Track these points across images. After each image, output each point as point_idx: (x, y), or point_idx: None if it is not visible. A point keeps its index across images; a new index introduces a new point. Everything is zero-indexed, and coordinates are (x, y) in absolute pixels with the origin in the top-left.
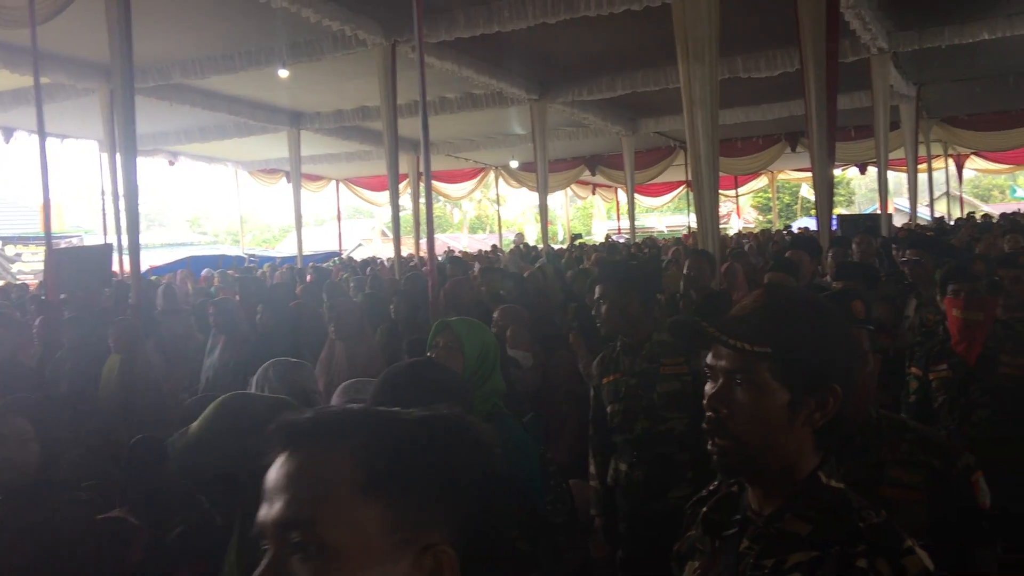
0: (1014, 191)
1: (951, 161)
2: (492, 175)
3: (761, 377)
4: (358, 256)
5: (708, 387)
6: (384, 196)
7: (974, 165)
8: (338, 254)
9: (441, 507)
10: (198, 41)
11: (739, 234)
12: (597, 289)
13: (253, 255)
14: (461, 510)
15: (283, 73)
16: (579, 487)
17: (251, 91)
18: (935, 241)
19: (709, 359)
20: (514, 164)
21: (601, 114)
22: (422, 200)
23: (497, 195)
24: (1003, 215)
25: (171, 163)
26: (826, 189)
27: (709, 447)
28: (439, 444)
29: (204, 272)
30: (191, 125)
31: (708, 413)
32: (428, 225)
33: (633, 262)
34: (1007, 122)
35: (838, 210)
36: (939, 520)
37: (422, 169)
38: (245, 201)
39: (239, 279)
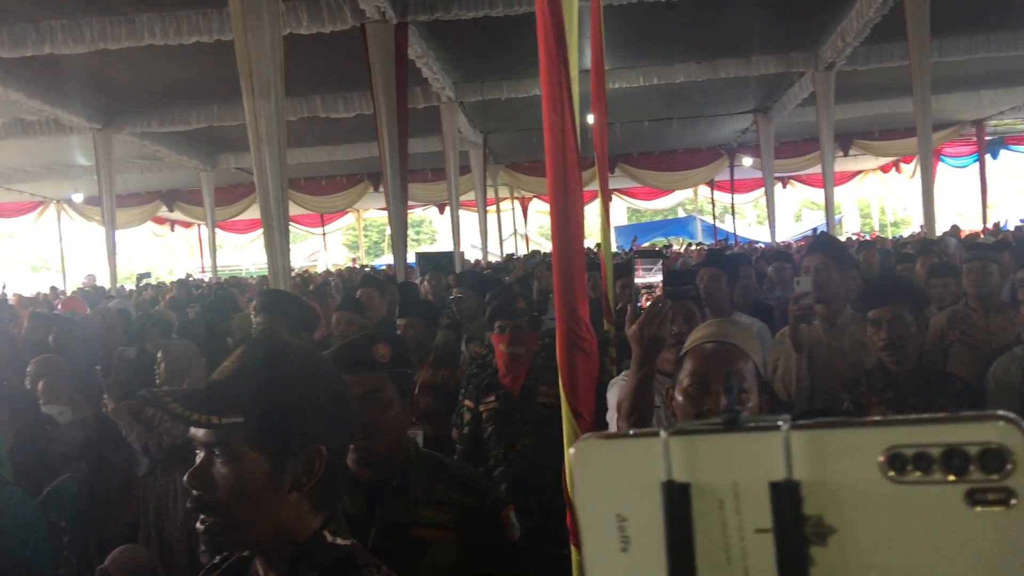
0: None
1: (518, 203)
2: (53, 209)
3: (238, 449)
4: None
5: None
6: None
7: (537, 208)
8: None
9: None
10: None
11: (327, 271)
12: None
13: None
14: None
15: None
16: (131, 551)
17: None
18: (483, 280)
19: (190, 429)
20: (78, 198)
21: (176, 147)
22: None
23: (59, 231)
24: None
25: None
26: (401, 227)
27: (197, 525)
28: None
29: None
30: None
31: (193, 492)
32: None
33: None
34: None
35: (419, 248)
36: (469, 557)
37: None
38: None
39: None
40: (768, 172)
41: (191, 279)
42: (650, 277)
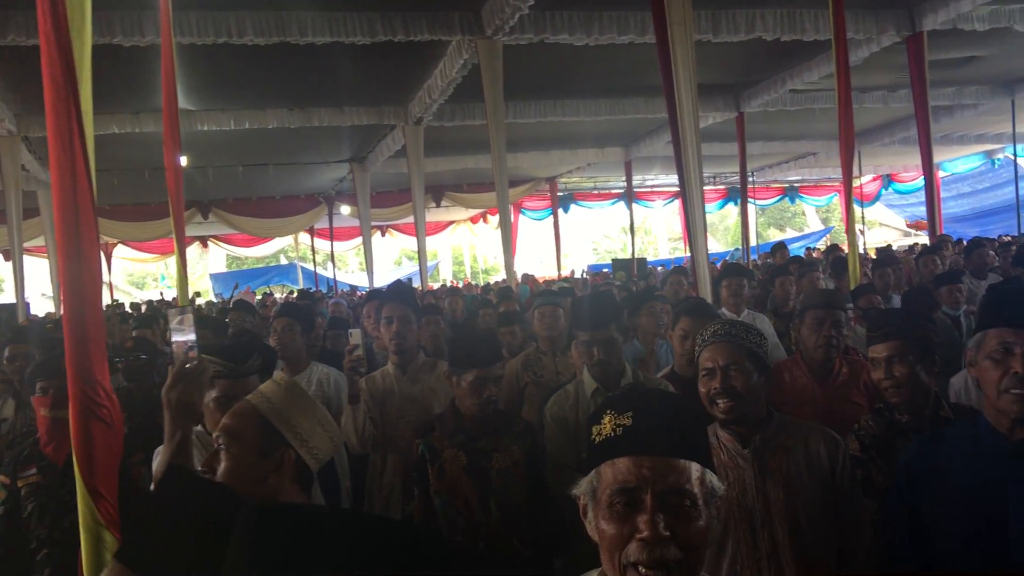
0: (163, 279)
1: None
2: None
3: None
4: None
5: None
6: None
7: (123, 254)
8: None
9: None
10: None
11: None
12: None
13: None
14: None
15: None
16: None
17: None
18: (50, 336)
19: None
20: None
21: None
22: None
23: None
24: (152, 303)
25: None
26: None
27: None
28: None
29: None
30: None
31: None
32: None
33: None
34: (147, 214)
35: None
36: None
37: None
38: None
39: None
40: (365, 221)
41: None
42: (184, 335)
